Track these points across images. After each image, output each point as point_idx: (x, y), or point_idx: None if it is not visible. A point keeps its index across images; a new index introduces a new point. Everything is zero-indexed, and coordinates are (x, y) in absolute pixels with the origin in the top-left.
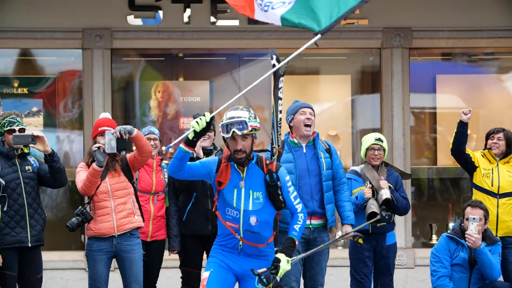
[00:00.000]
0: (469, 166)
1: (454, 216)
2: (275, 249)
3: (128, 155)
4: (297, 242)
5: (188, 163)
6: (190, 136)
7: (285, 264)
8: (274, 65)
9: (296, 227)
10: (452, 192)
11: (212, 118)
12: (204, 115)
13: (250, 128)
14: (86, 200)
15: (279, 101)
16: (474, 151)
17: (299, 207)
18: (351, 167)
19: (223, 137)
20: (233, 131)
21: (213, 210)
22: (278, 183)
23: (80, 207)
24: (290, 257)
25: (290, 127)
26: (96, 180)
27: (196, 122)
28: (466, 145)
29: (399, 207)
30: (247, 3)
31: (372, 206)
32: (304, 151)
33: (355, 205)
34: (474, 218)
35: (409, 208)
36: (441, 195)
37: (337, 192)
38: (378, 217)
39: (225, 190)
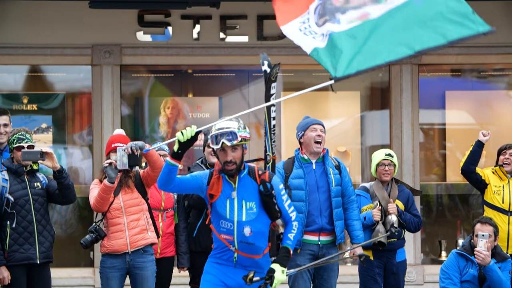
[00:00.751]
0: (479, 184)
1: (463, 233)
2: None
3: (141, 171)
4: (291, 251)
5: (178, 176)
6: (175, 148)
7: (279, 274)
8: (265, 71)
9: (291, 236)
10: (461, 208)
11: (198, 132)
12: (190, 127)
13: (239, 139)
14: (99, 216)
15: (272, 108)
16: (484, 168)
17: (293, 215)
18: (360, 183)
19: (213, 148)
20: (223, 142)
21: (206, 223)
22: (273, 192)
23: (94, 224)
24: (285, 267)
25: (300, 143)
26: (108, 196)
27: (181, 132)
28: None
29: (410, 226)
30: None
31: (379, 234)
32: (314, 167)
33: (362, 225)
34: (483, 235)
35: (421, 225)
36: (450, 211)
37: (346, 210)
38: (388, 234)
39: (218, 202)
